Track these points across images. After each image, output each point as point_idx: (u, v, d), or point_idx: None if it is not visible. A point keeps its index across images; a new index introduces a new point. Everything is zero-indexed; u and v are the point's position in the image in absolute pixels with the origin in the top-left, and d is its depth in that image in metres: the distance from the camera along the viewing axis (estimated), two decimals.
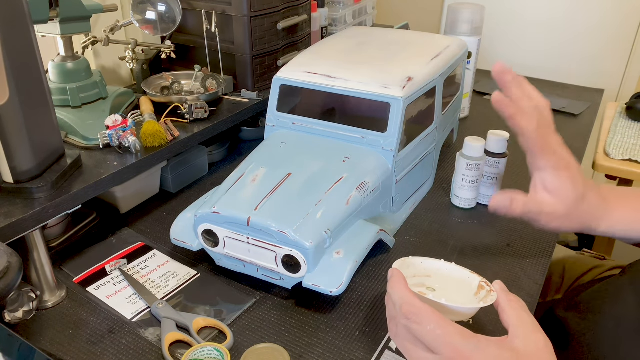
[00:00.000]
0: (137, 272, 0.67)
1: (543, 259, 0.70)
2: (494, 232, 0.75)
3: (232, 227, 0.60)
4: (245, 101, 0.91)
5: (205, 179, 0.90)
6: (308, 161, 0.67)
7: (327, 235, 0.59)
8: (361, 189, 0.65)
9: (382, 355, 0.55)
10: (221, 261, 0.65)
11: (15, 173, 0.61)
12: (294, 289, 0.62)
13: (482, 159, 0.76)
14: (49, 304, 0.62)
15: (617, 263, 0.87)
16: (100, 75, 0.83)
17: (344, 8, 1.28)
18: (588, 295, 0.72)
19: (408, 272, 0.55)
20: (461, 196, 0.79)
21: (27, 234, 0.59)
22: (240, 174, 0.65)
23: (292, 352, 0.55)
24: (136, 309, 0.61)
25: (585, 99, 1.22)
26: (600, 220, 0.62)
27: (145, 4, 0.87)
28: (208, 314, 0.61)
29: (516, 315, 0.46)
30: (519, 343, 0.43)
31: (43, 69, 0.62)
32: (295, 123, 0.74)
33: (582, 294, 0.73)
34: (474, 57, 1.05)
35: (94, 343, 0.57)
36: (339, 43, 0.83)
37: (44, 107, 0.63)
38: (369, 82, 0.69)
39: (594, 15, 1.85)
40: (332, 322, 0.60)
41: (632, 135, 1.14)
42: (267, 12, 0.91)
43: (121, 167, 0.69)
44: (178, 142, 0.77)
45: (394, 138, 0.68)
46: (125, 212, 0.79)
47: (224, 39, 0.91)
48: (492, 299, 0.50)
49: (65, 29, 0.77)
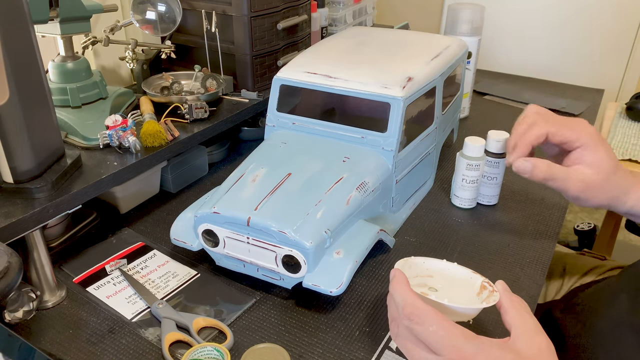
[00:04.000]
0: (137, 272, 0.67)
1: (543, 259, 0.70)
2: (494, 232, 0.75)
3: (232, 227, 0.60)
4: (245, 101, 0.91)
5: (205, 179, 0.90)
6: (308, 161, 0.67)
7: (327, 235, 0.59)
8: (361, 189, 0.65)
9: (382, 355, 0.55)
10: (221, 261, 0.65)
11: (15, 173, 0.61)
12: (294, 289, 0.62)
13: (482, 159, 0.76)
14: (49, 304, 0.61)
15: (618, 263, 0.87)
16: (100, 75, 0.83)
17: (344, 8, 1.28)
18: (585, 297, 0.72)
19: (410, 273, 0.55)
20: (461, 196, 0.79)
21: (27, 234, 0.59)
22: (240, 174, 0.65)
23: (292, 352, 0.55)
24: (136, 309, 0.61)
25: (585, 99, 1.22)
26: (628, 195, 0.63)
27: (145, 4, 0.87)
28: (208, 314, 0.61)
29: (519, 317, 0.46)
30: (521, 345, 0.43)
31: (43, 69, 0.62)
32: (295, 123, 0.74)
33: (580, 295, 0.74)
34: (474, 57, 1.05)
35: (94, 343, 0.57)
36: (339, 43, 0.83)
37: (44, 107, 0.63)
38: (369, 82, 0.69)
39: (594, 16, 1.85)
40: (332, 322, 0.60)
41: (632, 135, 1.14)
42: (267, 12, 0.91)
43: (121, 167, 0.69)
44: (178, 142, 0.77)
45: (394, 138, 0.68)
46: (125, 212, 0.79)
47: (224, 39, 0.91)
48: (494, 299, 0.50)
49: (65, 29, 0.76)
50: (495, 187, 0.80)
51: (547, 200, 0.82)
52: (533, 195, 0.84)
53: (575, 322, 0.68)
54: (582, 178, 0.62)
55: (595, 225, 1.62)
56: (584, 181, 0.62)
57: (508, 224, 0.77)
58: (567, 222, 2.16)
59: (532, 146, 0.64)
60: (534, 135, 0.63)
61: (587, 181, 0.62)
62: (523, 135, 0.63)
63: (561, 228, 0.76)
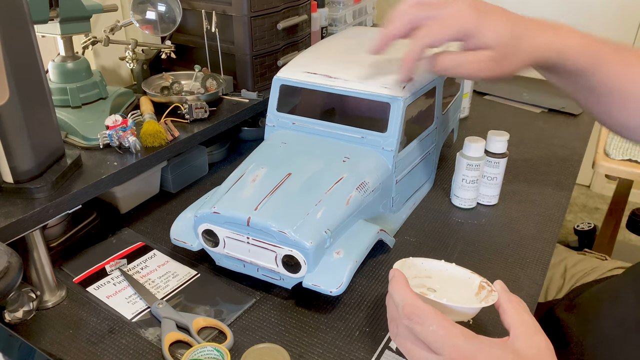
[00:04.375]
0: (137, 272, 0.67)
1: (543, 259, 0.70)
2: (493, 232, 0.75)
3: (232, 227, 0.60)
4: (245, 101, 0.91)
5: (205, 179, 0.90)
6: (308, 161, 0.67)
7: (327, 235, 0.59)
8: (361, 189, 0.65)
9: (382, 355, 0.55)
10: (221, 261, 0.65)
11: (15, 173, 0.61)
12: (294, 289, 0.62)
13: (482, 159, 0.76)
14: (49, 304, 0.61)
15: (619, 263, 0.87)
16: (100, 75, 0.83)
17: (344, 8, 1.28)
18: (588, 297, 0.72)
19: (409, 273, 0.55)
20: (461, 196, 0.79)
21: (27, 234, 0.59)
22: (240, 174, 0.65)
23: (292, 352, 0.55)
24: (136, 309, 0.61)
25: None
26: (550, 51, 0.59)
27: (145, 4, 0.87)
28: (208, 314, 0.61)
29: (517, 316, 0.46)
30: (520, 344, 0.43)
31: (43, 69, 0.62)
32: (295, 123, 0.74)
33: (582, 295, 0.74)
34: None
35: (94, 343, 0.57)
36: (339, 43, 0.83)
37: (44, 107, 0.63)
38: (369, 82, 0.69)
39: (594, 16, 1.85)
40: (332, 322, 0.60)
41: None
42: (267, 12, 0.91)
43: (121, 167, 0.69)
44: (178, 142, 0.77)
45: (394, 138, 0.68)
46: (125, 212, 0.79)
47: (224, 39, 0.91)
48: (493, 299, 0.50)
49: (65, 29, 0.76)
50: (495, 187, 0.80)
51: (547, 200, 0.82)
52: (533, 195, 0.84)
53: (578, 321, 0.67)
54: (485, 59, 0.58)
55: (595, 225, 1.62)
56: (485, 62, 0.58)
57: (508, 224, 0.77)
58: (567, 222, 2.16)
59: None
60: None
61: (486, 60, 0.58)
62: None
63: (561, 228, 0.76)
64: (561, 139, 1.03)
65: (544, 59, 0.60)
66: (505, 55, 0.58)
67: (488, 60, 0.58)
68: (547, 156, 0.96)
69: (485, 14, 0.58)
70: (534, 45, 0.59)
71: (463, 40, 0.59)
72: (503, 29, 0.58)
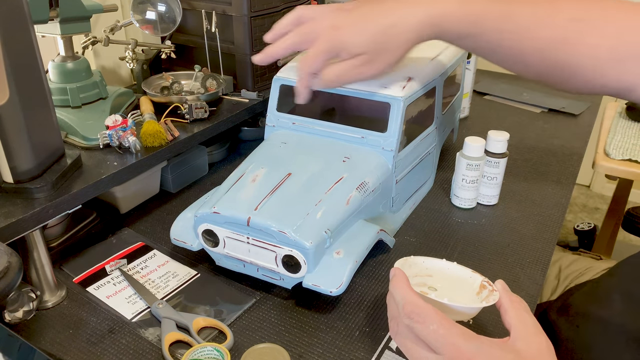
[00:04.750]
0: (137, 272, 0.67)
1: (543, 259, 0.70)
2: (494, 232, 0.75)
3: (232, 227, 0.60)
4: (245, 101, 0.91)
5: (205, 179, 0.90)
6: (308, 161, 0.67)
7: (327, 235, 0.59)
8: (361, 189, 0.65)
9: (382, 355, 0.55)
10: (221, 261, 0.65)
11: (15, 173, 0.61)
12: (294, 289, 0.62)
13: (482, 159, 0.76)
14: (49, 304, 0.61)
15: (613, 263, 0.87)
16: (100, 75, 0.83)
17: None
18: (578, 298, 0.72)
19: (410, 272, 0.55)
20: (461, 196, 0.79)
21: (27, 234, 0.59)
22: (240, 174, 0.65)
23: (292, 352, 0.55)
24: (136, 309, 0.61)
25: (585, 99, 1.22)
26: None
27: (145, 4, 0.87)
28: (208, 314, 0.61)
29: (518, 317, 0.46)
30: (521, 345, 0.43)
31: (43, 69, 0.62)
32: (295, 123, 0.74)
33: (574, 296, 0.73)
34: (474, 57, 1.05)
35: (94, 343, 0.57)
36: None
37: (44, 107, 0.63)
38: (369, 82, 0.69)
39: None
40: (332, 322, 0.60)
41: (632, 135, 1.14)
42: (267, 12, 0.91)
43: (121, 167, 0.69)
44: (178, 142, 0.77)
45: (394, 138, 0.68)
46: (125, 212, 0.79)
47: (224, 39, 0.91)
48: (494, 298, 0.50)
49: (65, 29, 0.76)
50: (495, 187, 0.80)
51: (547, 200, 0.82)
52: (533, 195, 0.84)
53: (568, 324, 0.67)
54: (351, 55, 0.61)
55: (595, 225, 1.63)
56: (359, 63, 0.61)
57: (508, 224, 0.77)
58: (567, 222, 2.16)
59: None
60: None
61: (357, 59, 0.61)
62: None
63: (561, 228, 0.76)
64: (561, 139, 1.03)
65: (421, 39, 0.61)
66: (378, 52, 0.60)
67: (363, 64, 0.61)
68: (547, 156, 0.96)
69: (340, 28, 0.60)
70: (406, 30, 0.60)
71: (337, 57, 0.62)
72: (360, 37, 0.60)
